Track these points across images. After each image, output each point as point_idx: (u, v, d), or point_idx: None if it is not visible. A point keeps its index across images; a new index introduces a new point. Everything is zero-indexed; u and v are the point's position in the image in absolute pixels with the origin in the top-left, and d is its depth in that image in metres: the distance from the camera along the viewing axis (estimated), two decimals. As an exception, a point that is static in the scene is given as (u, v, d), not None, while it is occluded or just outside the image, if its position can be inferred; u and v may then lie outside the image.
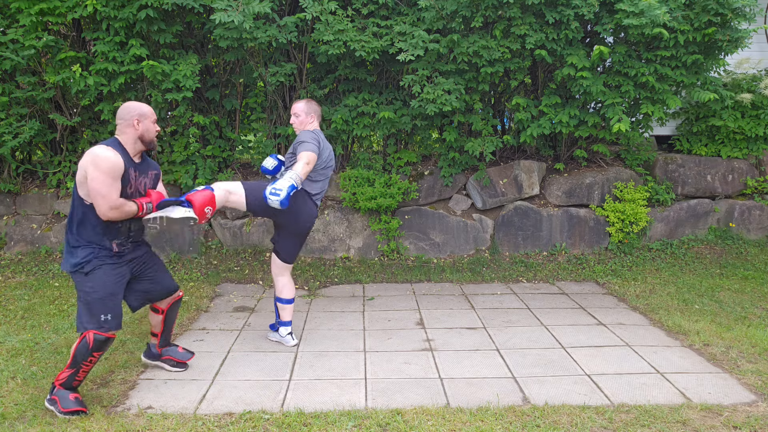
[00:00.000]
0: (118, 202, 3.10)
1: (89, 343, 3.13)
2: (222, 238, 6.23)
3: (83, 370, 3.19)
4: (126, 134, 3.21)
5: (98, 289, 3.15)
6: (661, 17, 5.01)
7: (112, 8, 5.35)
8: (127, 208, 3.14)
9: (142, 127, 3.22)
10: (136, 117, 3.20)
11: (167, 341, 3.75)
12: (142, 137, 3.23)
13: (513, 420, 3.15)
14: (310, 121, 4.03)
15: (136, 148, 3.24)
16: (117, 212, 3.10)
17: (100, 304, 3.15)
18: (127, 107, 3.24)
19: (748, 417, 3.19)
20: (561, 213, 6.31)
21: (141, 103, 3.28)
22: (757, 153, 6.68)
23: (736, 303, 5.07)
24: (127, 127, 3.20)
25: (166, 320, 3.64)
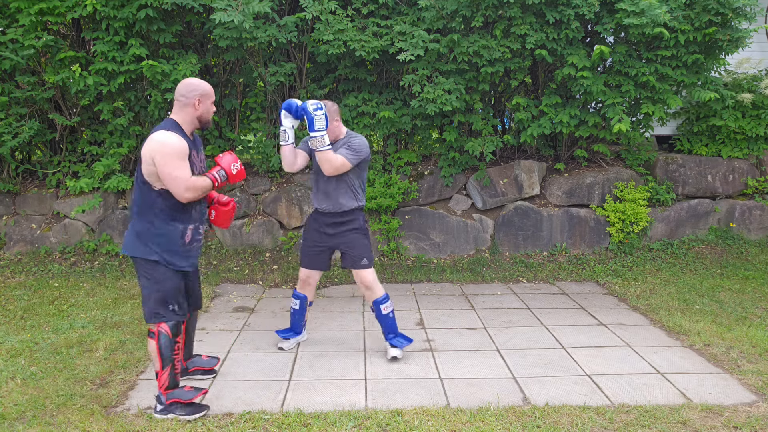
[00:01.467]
0: (191, 180, 2.98)
1: (168, 333, 3.09)
2: (222, 238, 6.23)
3: (177, 360, 3.16)
4: (184, 113, 3.07)
5: (165, 281, 3.09)
6: (662, 17, 5.00)
7: (111, 8, 5.34)
8: (201, 183, 3.02)
9: (202, 107, 3.09)
10: (198, 96, 3.06)
11: (190, 352, 3.62)
12: (201, 117, 3.11)
13: (513, 420, 3.14)
14: (336, 125, 3.83)
15: (192, 127, 3.12)
16: (193, 191, 2.99)
17: (166, 296, 3.09)
18: (189, 84, 3.08)
19: (749, 417, 3.18)
20: (561, 213, 6.30)
21: (202, 81, 3.12)
22: (758, 153, 6.68)
23: (736, 303, 5.06)
24: (186, 106, 3.06)
25: (188, 329, 3.49)
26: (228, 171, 3.15)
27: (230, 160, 3.18)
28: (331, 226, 3.89)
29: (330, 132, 3.77)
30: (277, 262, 6.04)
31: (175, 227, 3.08)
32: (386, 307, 3.91)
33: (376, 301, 3.90)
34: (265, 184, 6.33)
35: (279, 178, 6.39)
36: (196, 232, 3.20)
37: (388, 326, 3.95)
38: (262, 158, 6.25)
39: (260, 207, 6.29)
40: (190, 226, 3.14)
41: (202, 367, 3.63)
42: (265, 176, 6.37)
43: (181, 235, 3.11)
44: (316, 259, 3.99)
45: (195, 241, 3.20)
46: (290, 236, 6.23)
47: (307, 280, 4.04)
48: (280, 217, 6.25)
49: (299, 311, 4.12)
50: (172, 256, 3.09)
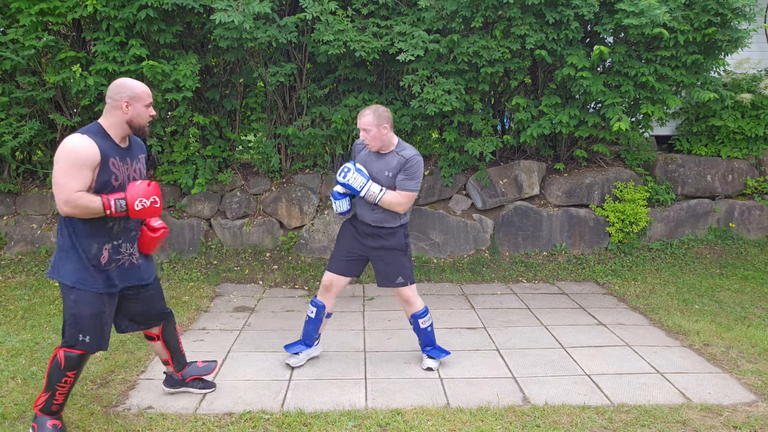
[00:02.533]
0: (76, 195, 2.60)
1: (60, 362, 2.81)
2: (222, 238, 6.23)
3: (60, 393, 2.87)
4: (112, 116, 2.75)
5: (82, 305, 2.78)
6: (661, 17, 5.01)
7: (112, 8, 5.35)
8: (86, 202, 2.62)
9: (132, 111, 2.75)
10: (126, 98, 2.73)
11: (182, 362, 3.37)
12: (131, 122, 2.77)
13: (513, 420, 3.15)
14: (385, 133, 3.48)
15: (122, 132, 2.79)
16: (73, 207, 2.62)
17: (80, 323, 2.80)
18: (119, 85, 2.75)
19: (748, 417, 3.19)
20: (561, 213, 6.31)
21: (136, 82, 2.79)
22: (757, 153, 6.69)
23: (736, 303, 5.07)
24: (114, 109, 2.74)
25: (167, 344, 3.27)
26: (129, 204, 2.71)
27: (140, 193, 2.73)
28: (372, 238, 3.66)
29: (378, 139, 3.49)
30: (278, 262, 6.04)
31: (89, 245, 2.77)
32: (424, 321, 3.74)
33: (414, 315, 3.74)
34: (265, 184, 6.33)
35: (279, 178, 6.40)
36: (115, 251, 2.84)
37: (425, 339, 3.81)
38: (262, 158, 6.25)
39: (260, 207, 6.29)
40: (106, 246, 2.80)
41: (199, 375, 3.40)
42: (265, 176, 6.38)
43: (95, 257, 2.78)
44: (347, 265, 3.74)
45: (113, 261, 2.84)
46: (290, 236, 6.23)
47: (330, 287, 3.76)
48: (280, 217, 6.26)
49: (314, 320, 3.81)
50: (87, 276, 2.78)
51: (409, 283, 3.70)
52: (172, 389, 3.42)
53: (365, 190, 3.47)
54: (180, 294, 5.30)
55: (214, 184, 6.25)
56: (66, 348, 2.84)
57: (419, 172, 3.52)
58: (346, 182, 3.48)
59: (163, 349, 3.29)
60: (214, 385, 3.49)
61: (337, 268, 3.74)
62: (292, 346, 3.88)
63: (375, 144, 3.51)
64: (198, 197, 6.20)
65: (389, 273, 3.67)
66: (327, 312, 3.82)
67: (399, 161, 3.51)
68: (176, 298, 5.18)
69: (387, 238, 3.65)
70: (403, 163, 3.50)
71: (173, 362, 3.34)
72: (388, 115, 3.49)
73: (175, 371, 3.36)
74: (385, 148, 3.56)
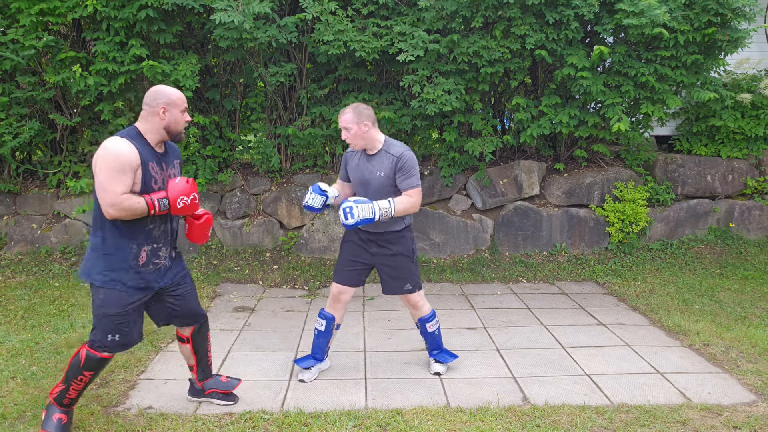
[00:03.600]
0: (121, 198, 2.65)
1: (81, 360, 2.86)
2: (222, 238, 6.23)
3: (74, 388, 2.91)
4: (149, 123, 2.82)
5: (109, 306, 2.81)
6: (661, 17, 5.01)
7: (112, 8, 5.35)
8: (132, 204, 2.68)
9: (168, 117, 2.82)
10: (163, 105, 2.79)
11: (206, 373, 3.33)
12: (168, 128, 2.84)
13: (513, 420, 3.15)
14: (366, 130, 3.36)
15: (159, 137, 2.85)
16: (119, 210, 2.66)
17: (109, 322, 2.82)
18: (156, 92, 2.83)
19: (748, 417, 3.19)
20: (561, 213, 6.31)
21: (172, 89, 2.86)
22: (757, 153, 6.69)
23: (736, 303, 5.07)
24: (151, 115, 2.81)
25: (195, 349, 3.24)
26: (172, 202, 2.79)
27: (181, 190, 2.82)
28: (377, 244, 3.54)
29: (359, 137, 3.38)
30: (277, 262, 6.04)
31: (128, 246, 2.80)
32: (432, 325, 3.67)
33: (421, 319, 3.67)
34: (265, 184, 6.33)
35: (279, 178, 6.40)
36: (154, 254, 2.88)
37: (432, 343, 3.74)
38: (262, 158, 6.25)
39: (260, 207, 6.30)
40: (145, 247, 2.84)
41: (219, 389, 3.33)
42: (265, 176, 6.38)
43: (134, 256, 2.82)
44: (352, 275, 3.61)
45: (152, 264, 2.88)
46: (290, 236, 6.23)
47: (339, 297, 3.63)
48: (280, 217, 6.26)
49: (324, 334, 3.67)
50: (120, 275, 2.80)
51: (417, 290, 3.61)
52: (194, 398, 3.38)
53: (377, 212, 3.27)
54: (180, 294, 5.30)
55: (214, 184, 6.25)
56: (90, 348, 2.87)
57: (415, 166, 3.42)
58: (357, 221, 3.25)
59: (190, 353, 3.25)
60: (237, 398, 3.38)
61: (343, 278, 3.62)
62: (303, 360, 3.74)
63: (357, 142, 3.39)
64: (198, 197, 6.19)
65: (396, 280, 3.57)
66: (337, 324, 3.70)
67: (391, 161, 3.40)
68: (176, 298, 5.18)
69: (393, 244, 3.53)
70: (395, 162, 3.38)
71: (197, 369, 3.30)
72: (370, 113, 3.37)
73: (198, 380, 3.32)
74: (370, 147, 3.44)
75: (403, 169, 3.38)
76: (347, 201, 3.30)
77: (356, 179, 3.54)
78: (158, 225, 2.87)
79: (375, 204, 3.29)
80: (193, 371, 3.32)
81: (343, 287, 3.63)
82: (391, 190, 3.45)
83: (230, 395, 3.36)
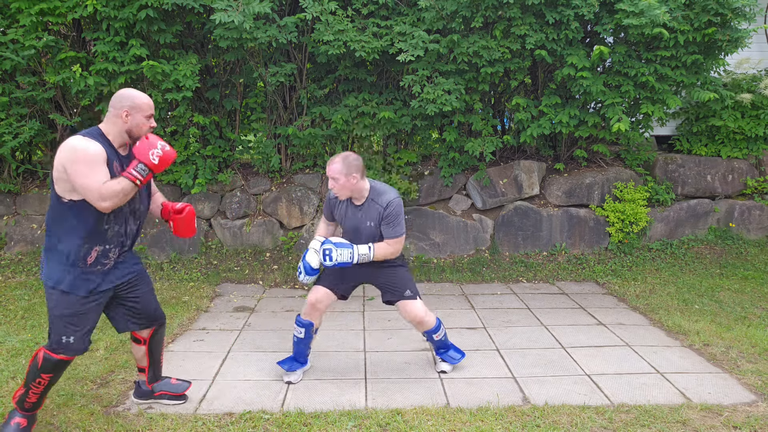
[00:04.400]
0: (104, 186, 2.63)
1: (38, 363, 2.81)
2: (222, 238, 6.23)
3: (33, 392, 2.85)
4: (112, 124, 2.79)
5: (63, 306, 2.77)
6: (661, 17, 5.01)
7: (112, 8, 5.35)
8: (117, 186, 2.66)
9: (131, 121, 2.79)
10: (127, 108, 2.77)
11: (157, 375, 3.30)
12: (130, 132, 2.80)
13: (513, 420, 3.15)
14: (354, 182, 3.34)
15: (121, 140, 2.82)
16: (111, 198, 2.65)
17: (63, 324, 2.78)
18: (121, 95, 2.80)
19: (748, 417, 3.19)
20: (561, 213, 6.31)
21: (139, 94, 2.83)
22: (757, 153, 6.69)
23: (736, 303, 5.07)
24: (115, 117, 2.78)
25: (150, 351, 3.21)
26: (148, 162, 2.74)
27: (147, 146, 2.75)
28: (366, 264, 3.50)
29: (346, 189, 3.36)
30: (277, 262, 6.04)
31: (79, 246, 2.76)
32: (438, 335, 3.64)
33: (428, 332, 3.61)
34: (265, 184, 6.33)
35: (279, 178, 6.40)
36: (104, 255, 2.83)
37: (439, 345, 3.72)
38: (262, 158, 6.25)
39: (260, 207, 6.30)
40: (96, 248, 2.80)
41: (169, 392, 3.30)
42: (265, 176, 6.38)
43: (83, 257, 2.78)
44: (338, 284, 3.57)
45: (100, 264, 2.83)
46: (290, 236, 6.23)
47: (317, 305, 3.55)
48: (280, 217, 6.26)
49: (303, 340, 3.61)
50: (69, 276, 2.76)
51: (418, 297, 3.57)
52: (140, 400, 3.32)
53: (356, 257, 3.33)
54: (180, 294, 5.30)
55: (214, 184, 6.25)
56: (47, 350, 2.82)
57: (401, 215, 3.41)
58: (335, 264, 3.31)
59: (144, 356, 3.22)
60: (186, 397, 3.36)
61: (330, 283, 3.57)
62: (287, 362, 3.67)
63: (343, 193, 3.38)
64: (198, 197, 6.20)
65: (395, 287, 3.55)
66: (315, 329, 3.63)
67: (378, 211, 3.40)
68: (176, 298, 5.18)
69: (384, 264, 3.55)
70: (381, 212, 3.39)
71: (149, 372, 3.26)
72: (359, 164, 3.33)
73: (148, 382, 3.28)
74: (357, 197, 3.44)
75: (388, 218, 3.39)
76: (327, 242, 3.36)
77: (348, 227, 3.54)
78: (113, 226, 2.83)
79: (355, 248, 3.35)
80: (144, 373, 3.27)
81: (324, 294, 3.55)
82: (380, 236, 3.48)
83: (180, 396, 3.33)
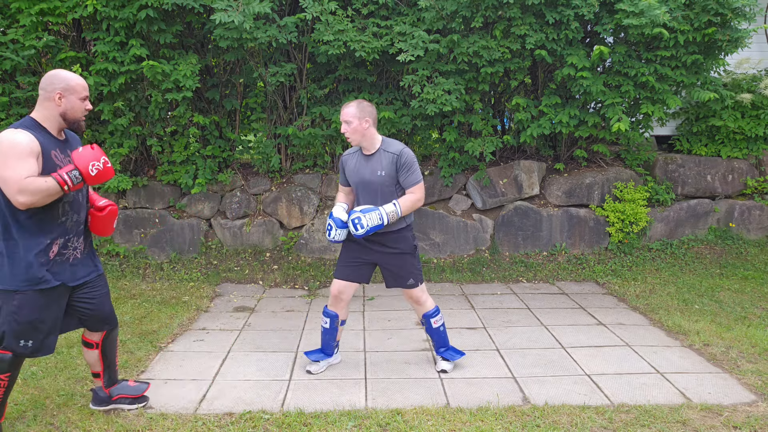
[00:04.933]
0: (26, 181, 2.47)
1: None
2: (222, 238, 6.23)
3: None
4: (46, 109, 2.66)
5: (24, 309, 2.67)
6: (661, 17, 5.01)
7: (112, 8, 5.35)
8: (39, 185, 2.49)
9: (66, 103, 2.66)
10: (59, 90, 2.63)
11: (113, 378, 3.20)
12: (65, 115, 2.68)
13: (513, 420, 3.15)
14: (366, 127, 3.41)
15: (57, 125, 2.70)
16: (29, 195, 2.48)
17: (23, 328, 2.69)
18: (52, 76, 2.66)
19: (748, 417, 3.19)
20: (561, 213, 6.31)
21: (71, 74, 2.69)
22: (757, 153, 6.69)
23: (736, 303, 5.07)
24: (46, 101, 2.64)
25: (104, 354, 3.11)
26: (84, 171, 2.60)
27: (89, 156, 2.62)
28: (379, 243, 3.57)
29: (358, 133, 3.41)
30: (277, 262, 6.04)
31: (38, 243, 2.65)
32: (436, 321, 3.69)
33: (426, 314, 3.68)
34: (265, 184, 6.33)
35: (279, 178, 6.40)
36: (64, 246, 2.74)
37: (439, 340, 3.76)
38: (262, 158, 6.25)
39: (260, 207, 6.30)
40: (58, 240, 2.70)
41: (128, 394, 3.21)
42: (265, 176, 6.38)
43: (45, 252, 2.67)
44: (355, 271, 3.63)
45: (60, 255, 2.74)
46: (290, 236, 6.23)
47: (340, 296, 3.63)
48: (280, 217, 6.26)
49: (329, 331, 3.71)
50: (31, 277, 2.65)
51: (420, 284, 3.64)
52: (99, 407, 3.21)
53: (385, 217, 3.36)
54: (180, 294, 5.30)
55: (214, 184, 6.25)
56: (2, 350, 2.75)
57: (415, 161, 3.48)
58: (367, 230, 3.35)
59: (98, 360, 3.11)
60: (147, 398, 3.29)
61: (345, 274, 3.64)
62: (313, 353, 3.81)
63: (355, 138, 3.43)
64: (198, 197, 6.20)
65: (399, 276, 3.60)
66: (341, 320, 3.73)
67: (391, 159, 3.44)
68: (176, 298, 5.18)
69: (395, 243, 3.56)
70: (396, 160, 3.43)
71: (104, 376, 3.17)
72: (372, 111, 3.42)
73: (104, 386, 3.19)
74: (368, 145, 3.49)
75: (405, 165, 3.44)
76: (354, 212, 3.40)
77: (356, 181, 3.56)
78: (71, 216, 2.75)
79: (381, 210, 3.38)
80: (100, 378, 3.17)
81: (343, 284, 3.64)
82: (393, 189, 3.49)
83: (141, 397, 3.26)
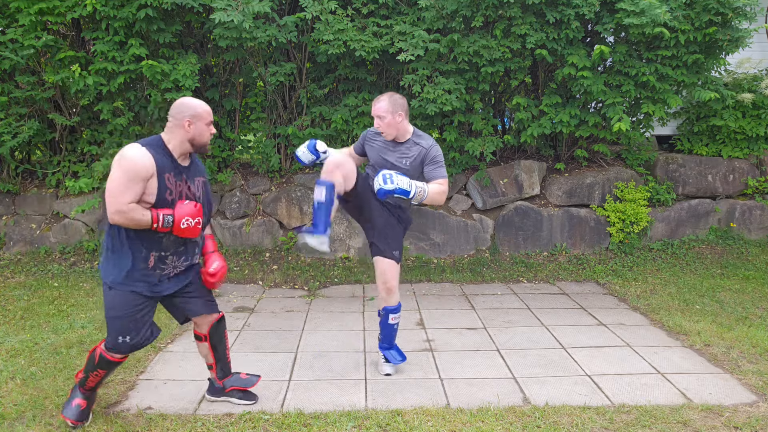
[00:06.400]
0: (126, 207, 2.69)
1: (95, 358, 2.97)
2: (222, 238, 6.22)
3: (91, 380, 3.04)
4: (174, 134, 2.86)
5: (118, 308, 2.87)
6: (662, 16, 5.00)
7: (111, 8, 5.34)
8: (137, 215, 2.72)
9: (194, 129, 2.85)
10: (188, 118, 2.83)
11: (226, 370, 3.34)
12: (193, 141, 2.88)
13: (513, 420, 3.14)
14: (399, 120, 3.41)
15: (182, 149, 2.89)
16: (122, 217, 2.71)
17: (118, 324, 2.89)
18: (180, 104, 2.87)
19: (749, 417, 3.18)
20: (561, 213, 6.30)
21: (198, 102, 2.90)
22: (758, 153, 6.68)
23: (737, 303, 5.06)
24: (176, 128, 2.85)
25: (213, 347, 3.24)
26: (176, 221, 2.80)
27: (187, 212, 2.83)
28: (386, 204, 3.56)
29: (392, 127, 3.41)
30: (277, 262, 6.03)
31: (138, 249, 2.84)
32: (394, 318, 3.66)
33: (387, 308, 3.63)
34: (264, 184, 6.32)
35: (279, 178, 6.39)
36: (161, 261, 2.91)
37: (388, 336, 3.72)
38: (262, 158, 6.24)
39: (260, 207, 6.29)
40: (153, 253, 2.87)
41: (239, 387, 3.33)
42: (264, 176, 6.37)
43: (144, 259, 2.86)
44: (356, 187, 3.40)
45: (158, 269, 2.91)
46: (290, 236, 6.22)
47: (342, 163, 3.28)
48: (280, 217, 6.25)
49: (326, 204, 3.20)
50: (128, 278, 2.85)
51: (397, 262, 3.56)
52: (213, 397, 3.36)
53: (413, 189, 3.24)
54: (180, 294, 5.29)
55: (214, 184, 6.24)
56: (104, 349, 2.95)
57: (442, 156, 3.51)
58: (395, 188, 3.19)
59: (209, 352, 3.25)
60: (256, 397, 3.36)
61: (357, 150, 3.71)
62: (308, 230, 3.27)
63: (390, 132, 3.43)
64: (198, 197, 6.18)
65: (387, 242, 3.50)
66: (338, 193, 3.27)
67: (420, 152, 3.46)
68: (176, 298, 5.17)
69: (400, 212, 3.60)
70: (425, 154, 3.46)
71: (217, 368, 3.30)
72: (404, 103, 3.41)
73: (218, 378, 3.32)
74: (400, 136, 3.49)
75: (435, 158, 3.46)
76: (384, 170, 3.33)
77: (378, 161, 3.55)
78: (167, 235, 2.89)
79: (412, 181, 3.30)
80: (213, 370, 3.31)
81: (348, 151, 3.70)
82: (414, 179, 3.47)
83: (249, 394, 3.36)
